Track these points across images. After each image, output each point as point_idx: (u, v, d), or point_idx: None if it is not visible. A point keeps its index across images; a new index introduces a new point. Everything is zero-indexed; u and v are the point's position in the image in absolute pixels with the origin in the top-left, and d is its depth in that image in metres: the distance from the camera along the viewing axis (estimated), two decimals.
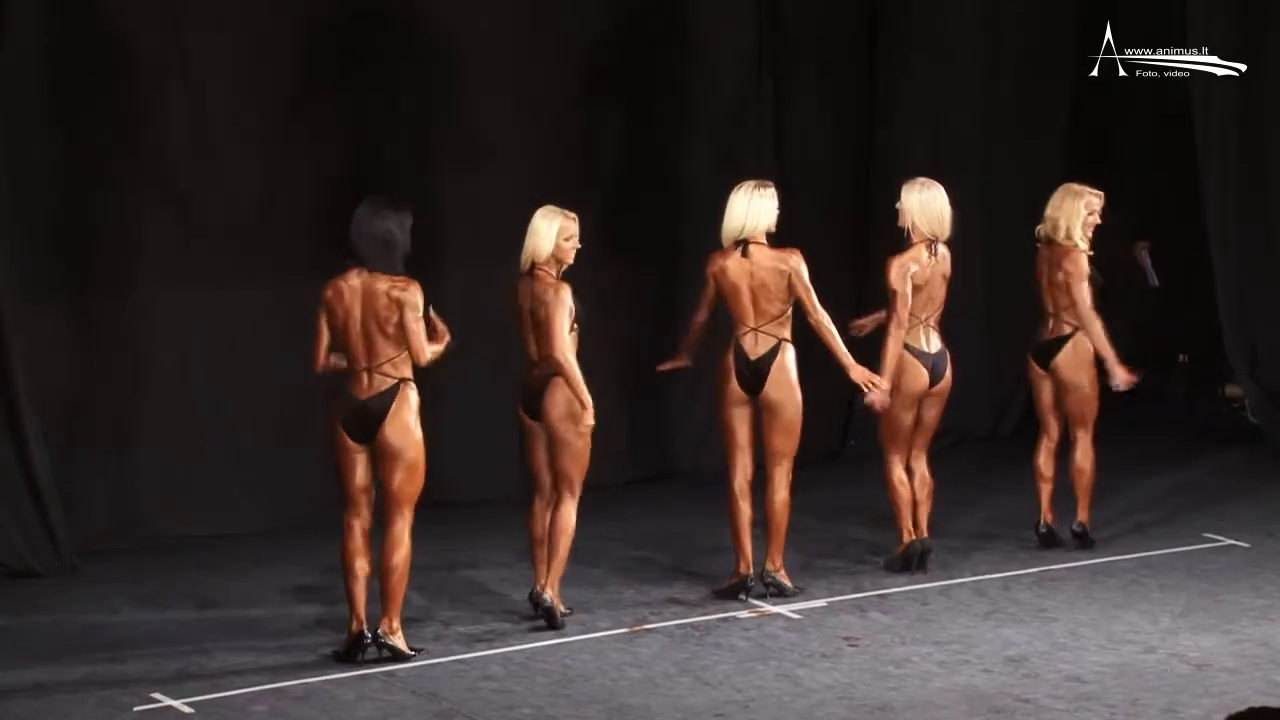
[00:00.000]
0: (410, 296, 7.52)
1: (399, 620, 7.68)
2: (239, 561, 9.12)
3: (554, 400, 7.91)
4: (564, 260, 7.96)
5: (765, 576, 8.48)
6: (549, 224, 7.95)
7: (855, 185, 11.00)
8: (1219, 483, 10.38)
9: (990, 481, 10.26)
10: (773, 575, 8.48)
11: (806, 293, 8.31)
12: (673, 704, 7.24)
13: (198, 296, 9.54)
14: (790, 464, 8.40)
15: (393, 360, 7.55)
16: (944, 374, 8.75)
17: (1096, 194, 8.99)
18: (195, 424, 9.55)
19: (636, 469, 10.32)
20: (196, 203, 9.52)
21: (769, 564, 8.49)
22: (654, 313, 10.35)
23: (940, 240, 8.69)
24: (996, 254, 10.91)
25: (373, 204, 7.65)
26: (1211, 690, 7.28)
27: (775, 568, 8.49)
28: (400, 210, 7.63)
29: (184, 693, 7.41)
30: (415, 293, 7.53)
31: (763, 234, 8.38)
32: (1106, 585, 8.62)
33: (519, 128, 10.14)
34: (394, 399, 7.55)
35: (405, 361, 7.58)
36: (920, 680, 7.45)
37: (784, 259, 8.32)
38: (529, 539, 8.14)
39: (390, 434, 7.54)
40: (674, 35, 10.56)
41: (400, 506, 7.59)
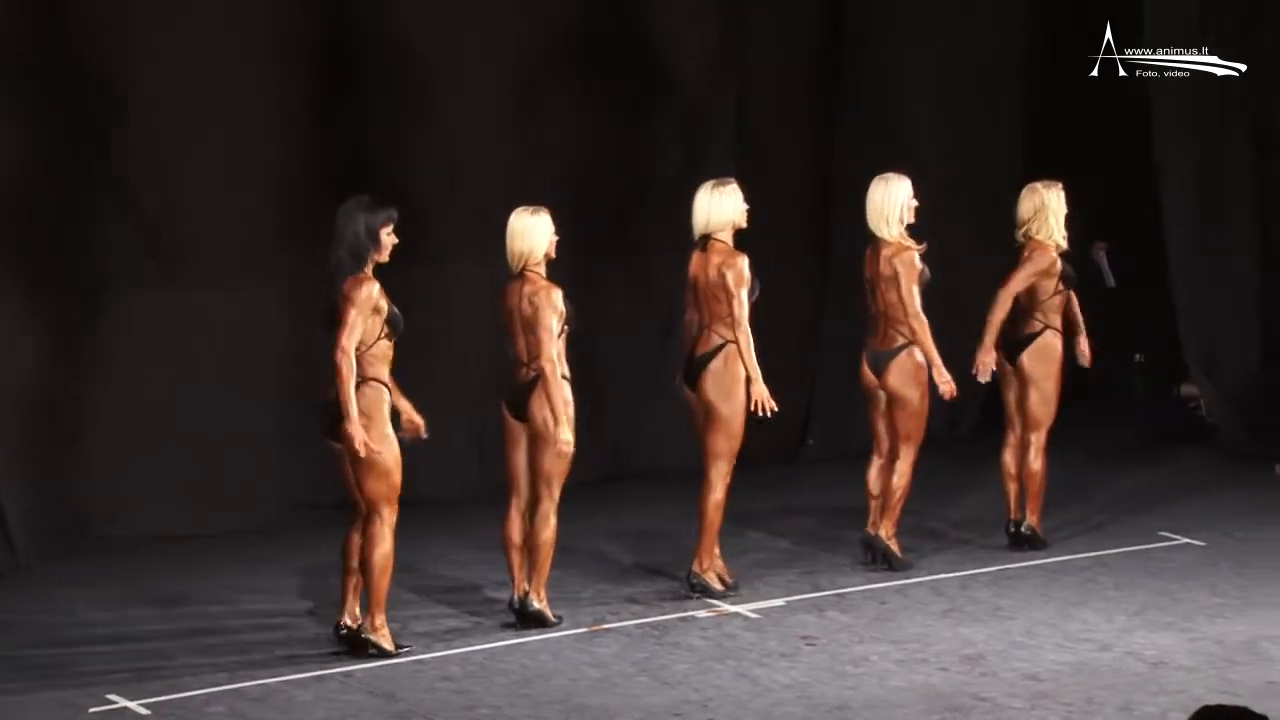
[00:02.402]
0: (349, 290, 7.48)
1: (383, 617, 7.67)
2: (196, 562, 9.08)
3: (540, 401, 7.89)
4: (551, 258, 7.95)
5: (691, 578, 8.43)
6: (541, 224, 7.92)
7: (818, 181, 11.02)
8: (1175, 482, 10.44)
9: (948, 482, 10.28)
10: (698, 577, 8.43)
11: (730, 299, 8.27)
12: (631, 704, 7.25)
13: (157, 298, 9.51)
14: (724, 465, 8.33)
15: (359, 357, 7.53)
16: (881, 373, 8.73)
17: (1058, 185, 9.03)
18: (152, 425, 9.51)
19: (596, 468, 10.32)
20: (155, 204, 9.48)
21: (695, 565, 8.44)
22: (617, 311, 10.36)
23: (880, 235, 8.68)
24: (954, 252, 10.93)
25: (345, 206, 7.63)
26: (1167, 688, 7.32)
27: (701, 569, 8.43)
28: (371, 210, 7.59)
29: (141, 694, 7.38)
30: (354, 287, 7.48)
31: (726, 231, 8.38)
32: (1063, 584, 8.66)
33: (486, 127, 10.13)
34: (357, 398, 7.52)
35: (376, 361, 7.55)
36: (878, 679, 7.47)
37: (726, 260, 8.31)
38: (504, 544, 8.07)
39: (354, 434, 7.50)
40: (639, 32, 10.57)
41: (374, 507, 7.57)
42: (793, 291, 10.71)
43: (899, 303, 8.64)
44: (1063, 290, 9.05)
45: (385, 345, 7.59)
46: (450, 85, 10.05)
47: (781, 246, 10.44)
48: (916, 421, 8.70)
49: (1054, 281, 9.02)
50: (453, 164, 10.07)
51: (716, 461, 8.35)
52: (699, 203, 8.40)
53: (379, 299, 7.54)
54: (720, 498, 8.36)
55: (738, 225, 8.40)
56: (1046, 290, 9.03)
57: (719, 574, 8.49)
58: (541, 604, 8.04)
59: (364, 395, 7.52)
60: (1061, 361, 9.07)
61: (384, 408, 7.57)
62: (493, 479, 9.37)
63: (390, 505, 7.60)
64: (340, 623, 7.73)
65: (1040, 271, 8.99)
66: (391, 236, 7.61)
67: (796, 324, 10.83)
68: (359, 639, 7.67)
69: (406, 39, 9.96)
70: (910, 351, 8.70)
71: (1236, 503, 10.02)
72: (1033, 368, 9.06)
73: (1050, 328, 9.05)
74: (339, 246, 7.57)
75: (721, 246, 8.36)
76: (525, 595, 8.04)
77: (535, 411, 7.89)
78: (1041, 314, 9.04)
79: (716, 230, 8.37)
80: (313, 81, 9.78)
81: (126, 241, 9.44)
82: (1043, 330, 9.05)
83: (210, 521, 9.50)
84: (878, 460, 8.82)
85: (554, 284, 7.89)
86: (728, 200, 8.38)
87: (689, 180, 8.64)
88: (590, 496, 9.79)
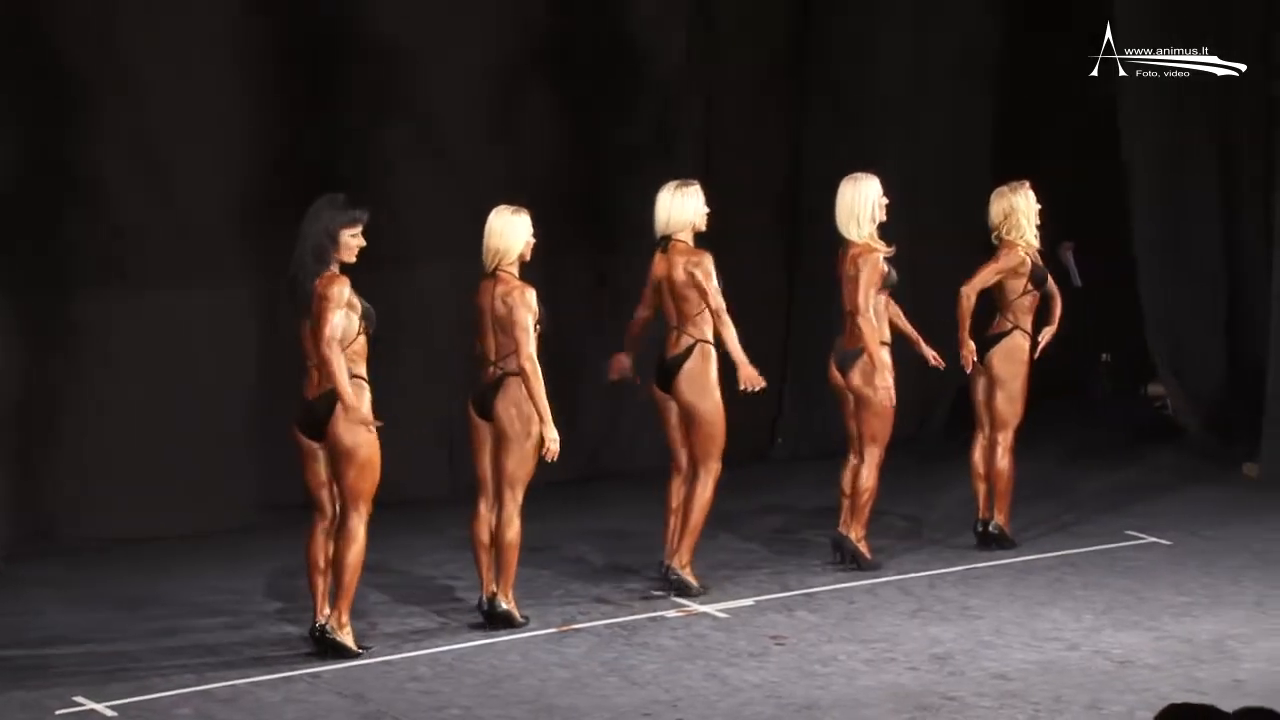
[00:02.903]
0: (322, 289, 7.48)
1: (348, 616, 7.66)
2: (163, 564, 9.06)
3: (505, 400, 7.88)
4: (526, 259, 7.95)
5: (669, 573, 8.46)
6: (520, 224, 7.91)
7: (787, 181, 11.04)
8: (1141, 481, 10.48)
9: (916, 481, 10.31)
10: (677, 572, 8.45)
11: (704, 294, 8.28)
12: (600, 704, 7.25)
13: (125, 298, 9.48)
14: (715, 463, 8.38)
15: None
16: (846, 372, 8.75)
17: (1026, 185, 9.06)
18: (120, 427, 9.48)
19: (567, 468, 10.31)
20: (123, 204, 9.45)
21: (675, 561, 8.46)
22: (585, 310, 10.36)
23: (847, 236, 8.70)
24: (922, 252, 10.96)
25: (315, 204, 7.62)
26: (1134, 687, 7.34)
27: (681, 565, 8.46)
28: (337, 211, 7.57)
29: (107, 695, 7.36)
30: (327, 285, 7.47)
31: (686, 232, 8.39)
32: (1030, 583, 8.69)
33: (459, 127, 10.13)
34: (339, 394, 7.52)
35: (356, 358, 7.54)
36: (847, 678, 7.49)
37: (693, 259, 8.32)
38: (472, 544, 8.06)
39: (340, 430, 7.50)
40: (607, 34, 10.57)
41: (354, 503, 7.56)
42: (761, 291, 10.72)
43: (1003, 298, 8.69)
44: (1032, 290, 9.08)
45: (363, 341, 7.59)
46: (424, 86, 10.04)
47: (750, 246, 10.46)
48: (881, 421, 8.71)
49: (1023, 281, 9.05)
50: (425, 164, 10.06)
51: (707, 460, 8.37)
52: (660, 203, 8.42)
53: (351, 296, 7.54)
54: (710, 496, 8.39)
55: (697, 227, 8.41)
56: (1016, 290, 9.06)
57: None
58: (509, 604, 8.04)
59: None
60: (1029, 362, 9.10)
61: (367, 403, 7.56)
62: (462, 479, 9.37)
63: (368, 503, 7.60)
64: (316, 624, 7.71)
65: (1008, 270, 9.02)
66: (357, 238, 7.58)
67: (765, 323, 10.84)
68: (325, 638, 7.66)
69: (382, 39, 9.95)
70: (1013, 337, 8.73)
71: (1203, 502, 10.07)
72: (1000, 367, 9.08)
73: (1019, 328, 9.08)
74: (302, 245, 7.56)
75: (683, 246, 8.37)
76: (493, 596, 8.03)
77: (500, 411, 7.88)
78: (1011, 314, 9.08)
79: (677, 231, 8.38)
80: (287, 80, 9.76)
81: (94, 242, 9.40)
82: (1011, 330, 9.08)
83: (177, 523, 9.47)
84: (853, 460, 8.84)
85: (527, 284, 7.88)
86: (689, 201, 8.39)
87: (658, 181, 8.65)
88: (560, 497, 9.79)
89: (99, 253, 9.42)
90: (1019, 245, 8.99)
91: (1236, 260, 11.03)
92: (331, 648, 7.65)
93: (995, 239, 9.07)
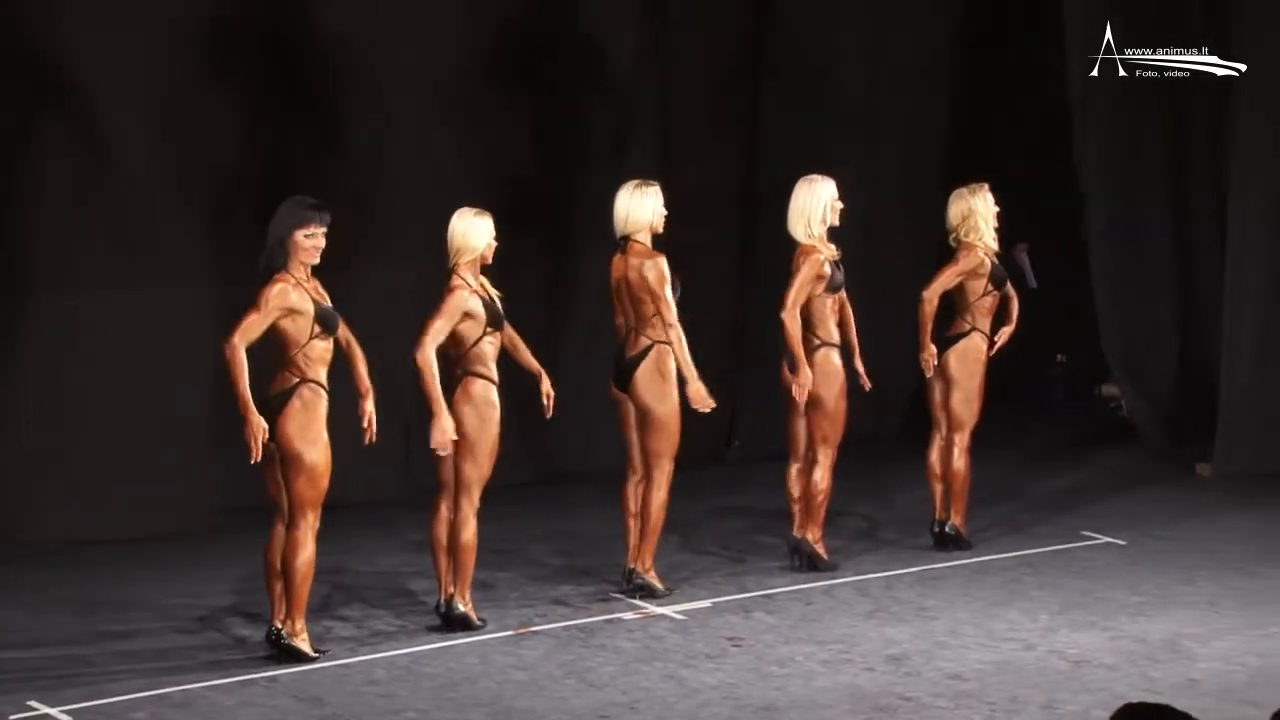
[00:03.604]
0: (260, 290, 7.46)
1: (303, 622, 7.63)
2: (117, 567, 9.01)
3: (460, 401, 7.87)
4: (487, 261, 7.94)
5: (634, 577, 8.47)
6: (482, 225, 7.89)
7: (743, 182, 11.05)
8: (1097, 482, 10.54)
9: (873, 482, 10.34)
10: (641, 576, 8.47)
11: (655, 299, 8.28)
12: (558, 706, 7.24)
13: (81, 299, 9.43)
14: (667, 464, 8.38)
15: (293, 358, 7.50)
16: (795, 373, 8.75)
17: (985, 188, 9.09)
18: (72, 428, 9.43)
19: (525, 471, 10.31)
20: (80, 204, 9.40)
21: (638, 565, 8.47)
22: (541, 311, 10.35)
23: (795, 237, 8.71)
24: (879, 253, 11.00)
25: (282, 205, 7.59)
26: (1089, 686, 7.38)
27: (645, 569, 8.47)
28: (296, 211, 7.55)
29: (62, 700, 7.31)
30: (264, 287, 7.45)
31: (643, 232, 8.39)
32: (987, 584, 8.72)
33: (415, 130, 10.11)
34: (289, 398, 7.50)
35: (313, 362, 7.52)
36: (804, 680, 7.50)
37: (646, 260, 8.32)
38: (432, 546, 8.03)
39: (285, 434, 7.48)
40: (564, 35, 10.57)
41: (301, 510, 7.53)
42: (718, 292, 10.74)
43: (804, 305, 8.66)
44: (992, 291, 9.11)
45: (321, 345, 7.55)
46: (383, 89, 10.02)
47: (706, 247, 10.47)
48: (831, 422, 8.73)
49: (983, 282, 9.08)
50: (383, 166, 10.04)
51: (659, 461, 8.37)
52: (619, 203, 8.42)
53: (293, 299, 7.47)
54: (665, 497, 8.39)
55: (655, 228, 8.41)
56: (976, 291, 9.09)
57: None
58: (467, 607, 8.03)
59: (301, 396, 7.50)
60: (986, 363, 9.14)
61: (321, 409, 7.53)
62: (420, 482, 9.35)
63: (315, 510, 7.57)
64: (273, 628, 7.68)
65: (967, 272, 9.05)
66: (314, 238, 7.54)
67: (722, 325, 10.87)
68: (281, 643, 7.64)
69: (342, 39, 9.92)
70: (825, 353, 8.72)
71: (1157, 502, 10.13)
72: (957, 368, 9.12)
73: (977, 329, 9.11)
74: (266, 248, 7.53)
75: (640, 248, 8.37)
76: (451, 598, 8.02)
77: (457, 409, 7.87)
78: (970, 315, 9.11)
79: (634, 231, 8.38)
80: (248, 80, 9.72)
81: (48, 242, 9.35)
82: (969, 331, 9.12)
83: (134, 526, 9.43)
84: (795, 464, 8.85)
85: (463, 287, 7.85)
86: (647, 202, 8.39)
87: (614, 182, 8.65)
88: (518, 499, 9.79)
89: (54, 253, 9.36)
90: (978, 247, 9.03)
91: (1189, 262, 11.10)
92: (287, 653, 7.63)
93: (953, 240, 9.10)
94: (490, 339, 7.92)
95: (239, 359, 7.38)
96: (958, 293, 9.09)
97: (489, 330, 7.90)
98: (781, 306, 8.62)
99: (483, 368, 7.90)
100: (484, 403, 7.90)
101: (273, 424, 7.47)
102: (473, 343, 7.89)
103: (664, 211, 8.43)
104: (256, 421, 7.38)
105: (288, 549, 7.57)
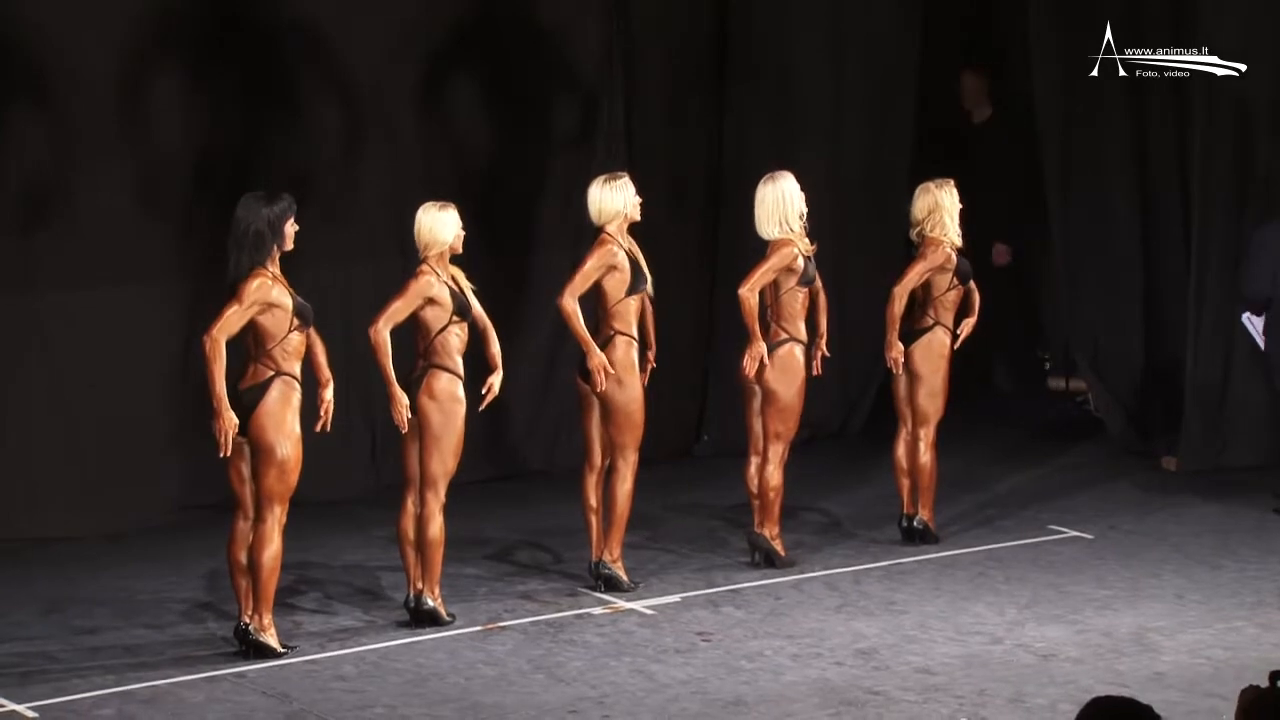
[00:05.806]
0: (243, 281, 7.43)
1: (270, 618, 7.61)
2: (82, 563, 8.97)
3: (424, 395, 7.85)
4: (457, 251, 7.93)
5: (600, 568, 8.46)
6: (448, 218, 7.88)
7: (709, 178, 11.05)
8: (1063, 476, 10.56)
9: (840, 477, 10.36)
10: (608, 567, 8.47)
11: (572, 275, 8.28)
12: (526, 701, 7.24)
13: (42, 296, 9.37)
14: (632, 454, 8.37)
15: (269, 352, 7.47)
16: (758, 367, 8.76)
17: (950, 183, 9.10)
18: (37, 424, 9.38)
19: (490, 467, 10.29)
20: (38, 201, 9.35)
21: (606, 555, 8.47)
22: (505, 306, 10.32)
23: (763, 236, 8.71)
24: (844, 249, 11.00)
25: (243, 201, 7.57)
26: (1057, 679, 7.40)
27: (612, 559, 8.48)
28: (270, 203, 7.53)
29: (28, 697, 7.28)
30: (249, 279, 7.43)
31: (616, 223, 8.38)
32: (955, 578, 8.74)
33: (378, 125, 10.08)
34: (266, 391, 7.46)
35: (288, 355, 7.49)
36: (773, 674, 7.51)
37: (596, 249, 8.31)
38: (399, 541, 8.02)
39: (260, 427, 7.45)
40: (527, 30, 10.55)
41: (269, 504, 7.51)
42: (685, 288, 10.73)
43: (774, 299, 8.67)
44: (957, 286, 9.13)
45: (296, 339, 7.54)
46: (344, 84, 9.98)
47: (673, 243, 10.46)
48: (784, 418, 8.72)
49: (948, 277, 9.09)
50: (347, 161, 10.01)
51: (624, 451, 8.37)
52: (591, 197, 8.42)
53: (274, 294, 7.47)
54: (630, 487, 8.38)
55: (630, 218, 8.41)
56: (940, 286, 9.11)
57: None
58: (435, 602, 8.02)
59: (275, 389, 7.47)
60: (950, 357, 9.15)
61: (295, 403, 7.51)
62: (387, 478, 9.33)
63: (283, 504, 7.55)
64: (240, 624, 7.65)
65: (934, 268, 9.07)
66: (294, 226, 7.57)
67: (690, 320, 10.86)
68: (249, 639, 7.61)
69: (306, 34, 9.89)
70: (790, 348, 8.72)
71: (1123, 496, 10.16)
72: (921, 363, 9.13)
73: (941, 324, 9.13)
74: (238, 247, 7.48)
75: (606, 239, 8.37)
76: (419, 593, 8.01)
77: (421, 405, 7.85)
78: (934, 310, 9.13)
79: (608, 222, 8.39)
80: (207, 75, 9.67)
81: (9, 239, 9.29)
82: (933, 326, 9.13)
83: (99, 522, 9.38)
84: (755, 459, 8.84)
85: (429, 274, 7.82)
86: (618, 194, 8.40)
87: (579, 177, 8.65)
88: (485, 494, 9.78)
89: (14, 250, 9.30)
90: (944, 242, 9.04)
91: (1154, 259, 11.13)
92: (255, 648, 7.61)
93: (916, 235, 9.11)
94: (456, 329, 7.91)
95: (219, 353, 7.37)
96: (921, 288, 9.10)
97: (454, 319, 7.89)
98: (742, 284, 8.61)
99: (448, 360, 7.89)
100: (449, 397, 7.88)
101: (247, 418, 7.44)
102: (437, 332, 7.87)
103: (637, 200, 8.43)
104: (229, 416, 7.36)
105: (255, 543, 7.54)
